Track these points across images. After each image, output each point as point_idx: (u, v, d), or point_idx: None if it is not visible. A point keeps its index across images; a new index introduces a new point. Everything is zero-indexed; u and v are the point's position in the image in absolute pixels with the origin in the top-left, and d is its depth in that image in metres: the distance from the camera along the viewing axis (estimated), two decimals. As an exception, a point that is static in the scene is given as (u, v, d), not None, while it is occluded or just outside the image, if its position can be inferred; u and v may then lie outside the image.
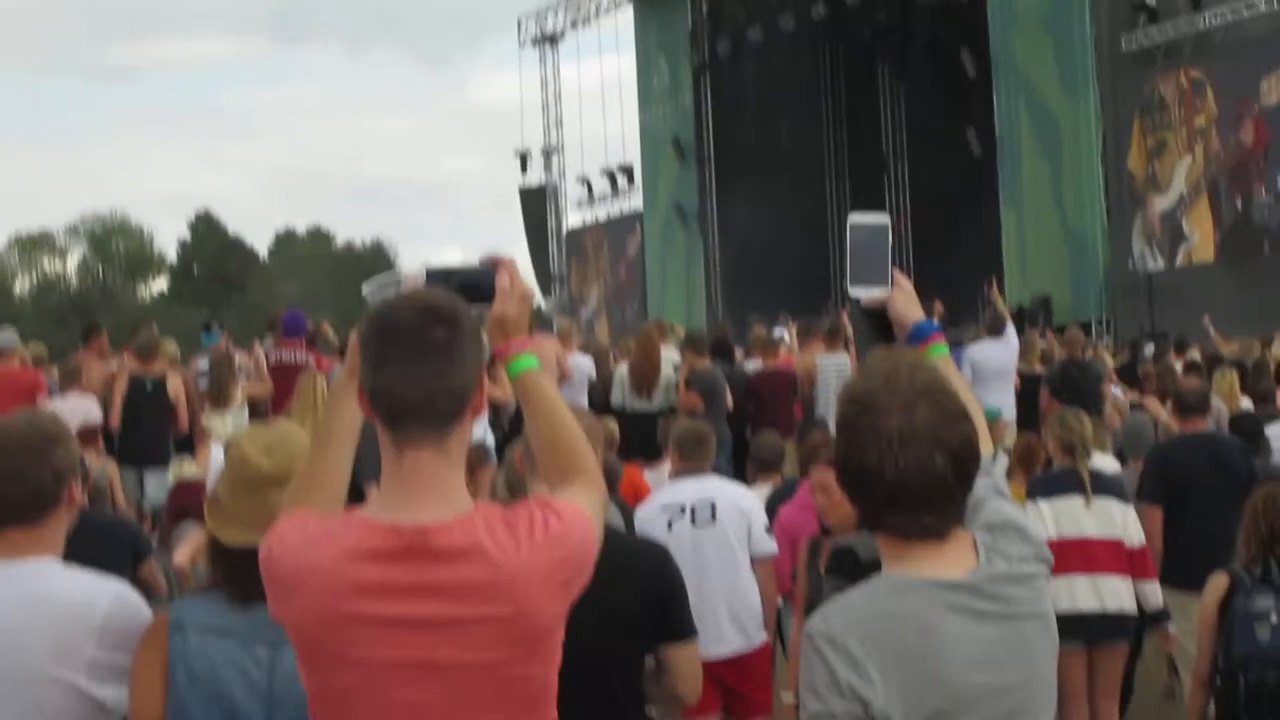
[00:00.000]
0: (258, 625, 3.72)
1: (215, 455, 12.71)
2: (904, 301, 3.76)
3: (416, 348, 3.18)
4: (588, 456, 3.47)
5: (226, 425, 14.26)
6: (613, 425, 11.42)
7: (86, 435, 13.56)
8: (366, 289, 3.62)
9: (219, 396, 15.21)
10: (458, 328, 3.22)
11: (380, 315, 3.26)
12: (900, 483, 3.11)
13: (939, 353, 3.66)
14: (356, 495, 3.43)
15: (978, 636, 3.12)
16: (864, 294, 3.76)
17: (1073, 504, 8.64)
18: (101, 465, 13.29)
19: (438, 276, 3.48)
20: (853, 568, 5.43)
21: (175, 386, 15.51)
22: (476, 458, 8.11)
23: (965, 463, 3.16)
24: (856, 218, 3.77)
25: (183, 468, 12.55)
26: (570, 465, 3.43)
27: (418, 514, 3.18)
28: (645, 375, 16.19)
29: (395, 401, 3.19)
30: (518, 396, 3.52)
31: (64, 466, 4.04)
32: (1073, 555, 8.29)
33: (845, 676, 3.03)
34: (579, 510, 3.29)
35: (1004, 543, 3.24)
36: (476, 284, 3.46)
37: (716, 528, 8.54)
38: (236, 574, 3.83)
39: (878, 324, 3.78)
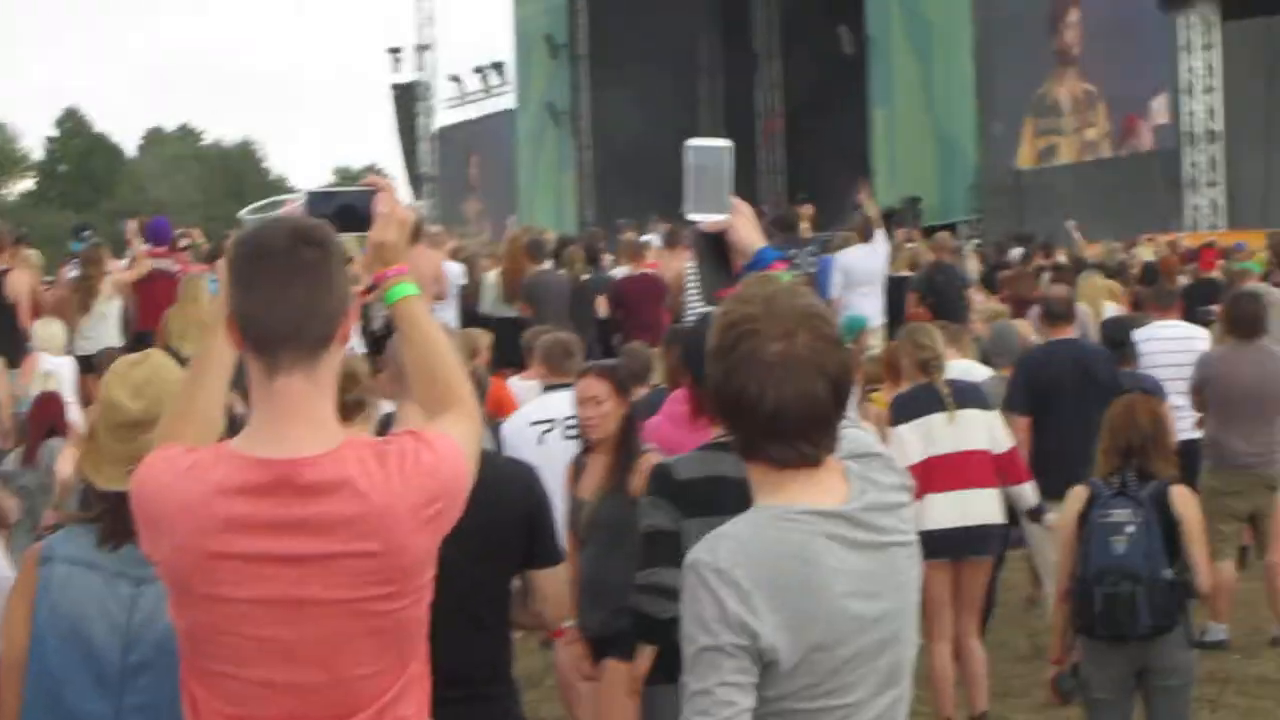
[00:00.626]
0: (126, 562, 3.72)
1: (41, 363, 12.89)
2: (744, 227, 3.67)
3: (286, 270, 3.13)
4: (463, 385, 3.45)
5: (51, 332, 14.01)
6: (484, 337, 11.36)
7: None
8: (246, 214, 3.58)
9: (86, 293, 15.02)
10: (327, 250, 3.17)
11: (248, 238, 3.21)
12: (781, 411, 3.06)
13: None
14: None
15: (854, 567, 3.10)
16: (702, 219, 3.67)
17: (934, 421, 8.48)
18: None
19: (319, 199, 3.47)
20: (671, 486, 5.41)
21: (15, 282, 15.23)
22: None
23: (844, 390, 3.14)
24: (695, 142, 3.66)
25: (46, 380, 12.36)
26: (445, 394, 3.40)
27: (287, 446, 3.14)
28: (513, 282, 16.15)
29: (265, 326, 3.14)
30: (395, 323, 3.50)
31: None
32: (939, 472, 8.09)
33: (734, 609, 2.98)
34: (452, 442, 3.27)
35: (873, 471, 3.22)
36: (355, 207, 3.44)
37: (588, 441, 8.49)
38: (110, 516, 3.79)
39: (717, 249, 3.70)
